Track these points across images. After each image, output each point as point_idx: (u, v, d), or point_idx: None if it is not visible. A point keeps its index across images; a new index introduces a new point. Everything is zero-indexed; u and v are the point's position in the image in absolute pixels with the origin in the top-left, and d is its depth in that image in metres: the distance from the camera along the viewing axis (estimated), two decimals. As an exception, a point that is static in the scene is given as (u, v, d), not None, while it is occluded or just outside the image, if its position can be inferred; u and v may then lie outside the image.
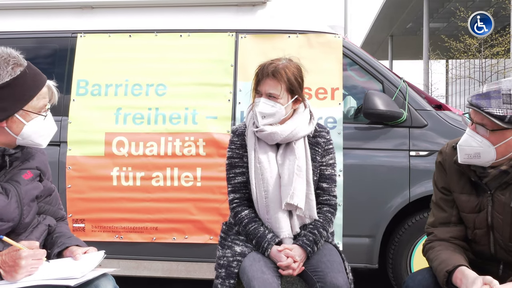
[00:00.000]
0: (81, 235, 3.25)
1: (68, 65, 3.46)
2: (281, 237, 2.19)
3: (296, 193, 2.16)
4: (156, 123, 3.31)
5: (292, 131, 2.21)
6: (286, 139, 2.22)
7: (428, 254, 1.95)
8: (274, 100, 2.20)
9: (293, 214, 2.21)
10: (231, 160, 2.31)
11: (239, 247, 2.21)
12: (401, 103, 3.27)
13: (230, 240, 2.28)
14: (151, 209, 3.26)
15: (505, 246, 1.85)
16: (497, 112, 1.71)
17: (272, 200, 2.20)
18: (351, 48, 3.42)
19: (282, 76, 2.19)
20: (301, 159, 2.21)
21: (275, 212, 2.19)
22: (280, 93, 2.20)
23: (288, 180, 2.18)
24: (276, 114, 2.20)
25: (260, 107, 2.19)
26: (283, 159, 2.23)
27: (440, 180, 2.00)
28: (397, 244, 3.26)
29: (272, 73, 2.19)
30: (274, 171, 2.21)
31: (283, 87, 2.20)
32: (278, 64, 2.21)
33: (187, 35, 3.45)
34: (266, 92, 2.21)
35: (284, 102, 2.21)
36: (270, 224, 2.20)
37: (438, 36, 24.68)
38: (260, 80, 2.23)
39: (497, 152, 1.77)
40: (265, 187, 2.20)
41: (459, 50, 19.85)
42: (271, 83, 2.20)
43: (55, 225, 1.98)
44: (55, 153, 3.33)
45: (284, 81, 2.19)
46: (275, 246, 2.14)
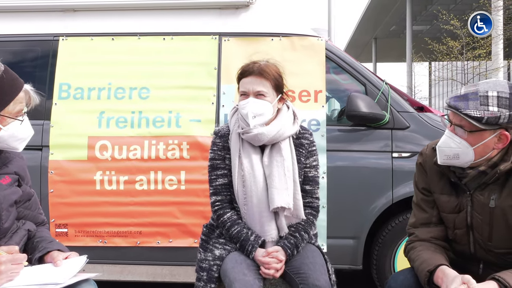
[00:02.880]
0: (64, 240, 3.22)
1: (50, 69, 3.43)
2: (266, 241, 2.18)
3: (288, 194, 2.16)
4: (139, 126, 3.29)
5: (278, 131, 2.21)
6: (272, 140, 2.22)
7: (410, 255, 1.97)
8: (262, 98, 2.20)
9: (280, 215, 2.20)
10: (213, 162, 2.30)
11: (218, 250, 2.20)
12: (384, 105, 3.31)
13: (212, 243, 2.27)
14: (135, 213, 3.25)
15: (485, 246, 1.88)
16: (474, 114, 1.73)
17: (256, 204, 2.19)
18: (334, 51, 3.45)
19: (269, 73, 2.20)
20: (288, 160, 2.21)
21: (261, 216, 2.19)
22: (267, 90, 2.20)
23: (279, 182, 2.17)
24: (266, 113, 2.19)
25: (250, 107, 2.17)
26: (270, 160, 2.22)
27: (421, 181, 2.02)
28: (381, 245, 3.29)
29: (258, 72, 2.20)
30: (259, 174, 2.20)
31: (270, 85, 2.21)
32: (261, 63, 2.23)
33: (170, 38, 3.44)
34: (254, 91, 2.20)
35: (271, 100, 2.22)
36: (254, 228, 2.20)
37: (421, 39, 24.94)
38: (245, 79, 2.23)
39: (475, 153, 1.79)
40: (250, 191, 2.19)
41: (442, 53, 20.09)
42: (258, 81, 2.20)
43: (35, 230, 1.96)
44: (37, 158, 3.30)
45: (271, 78, 2.20)
46: (260, 250, 2.14)
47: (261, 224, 2.19)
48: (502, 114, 1.72)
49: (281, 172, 2.18)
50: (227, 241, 2.24)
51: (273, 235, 2.19)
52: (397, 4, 28.25)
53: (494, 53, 15.47)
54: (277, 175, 2.18)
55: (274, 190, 2.17)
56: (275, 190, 2.17)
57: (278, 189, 2.17)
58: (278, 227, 2.21)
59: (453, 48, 19.37)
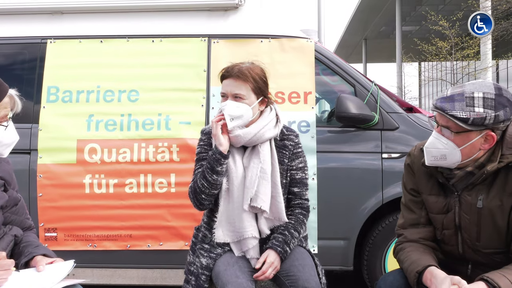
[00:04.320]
0: (54, 244, 3.20)
1: (38, 72, 3.40)
2: (245, 236, 2.18)
3: (260, 196, 2.16)
4: (129, 129, 3.28)
5: (256, 133, 2.20)
6: (251, 142, 2.21)
7: (399, 256, 1.97)
8: (240, 100, 2.20)
9: (259, 216, 2.20)
10: (200, 155, 2.31)
11: (204, 258, 2.20)
12: (373, 106, 3.32)
13: (197, 248, 2.28)
14: (125, 216, 3.23)
15: (473, 246, 1.89)
16: (460, 115, 1.74)
17: (236, 200, 2.19)
18: (323, 52, 3.45)
19: (247, 76, 2.19)
20: (266, 162, 2.20)
21: (240, 212, 2.18)
22: (245, 93, 2.20)
23: (250, 182, 2.17)
24: (244, 115, 2.18)
25: (227, 109, 2.17)
26: (249, 161, 2.22)
27: (409, 182, 2.03)
28: (372, 245, 3.30)
29: (236, 74, 2.19)
30: (239, 172, 2.20)
31: (249, 87, 2.20)
32: (242, 66, 2.23)
33: (159, 40, 3.43)
34: (232, 93, 2.20)
35: (250, 103, 2.21)
36: (234, 223, 2.19)
37: (411, 39, 25.11)
38: (225, 81, 2.23)
39: (462, 154, 1.81)
40: (231, 184, 2.19)
41: (431, 53, 20.23)
42: (236, 83, 2.19)
43: (22, 235, 1.94)
44: (25, 161, 3.27)
45: (250, 81, 2.19)
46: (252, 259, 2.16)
47: (240, 219, 2.18)
48: (488, 115, 1.73)
49: (256, 173, 2.18)
50: (212, 247, 2.23)
51: (253, 232, 2.18)
52: (386, 5, 28.42)
53: (483, 53, 15.60)
54: (251, 175, 2.18)
55: (247, 190, 2.17)
56: (248, 190, 2.17)
57: (250, 189, 2.16)
58: (259, 228, 2.21)
59: (442, 49, 19.51)
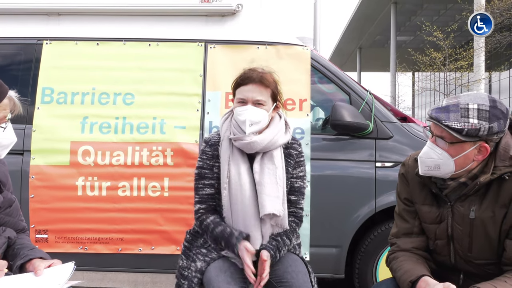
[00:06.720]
0: (44, 246, 3.17)
1: (33, 73, 3.39)
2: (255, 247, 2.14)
3: (279, 202, 2.15)
4: (123, 132, 3.27)
5: (271, 139, 2.20)
6: (265, 148, 2.20)
7: (392, 265, 1.98)
8: (261, 107, 2.19)
9: (267, 223, 2.18)
10: (201, 171, 2.28)
11: (199, 262, 2.18)
12: (368, 115, 3.33)
13: (194, 252, 2.26)
14: (117, 219, 3.22)
15: (465, 257, 1.90)
16: (455, 125, 1.76)
17: (245, 211, 2.16)
18: (319, 60, 3.47)
19: (270, 82, 2.20)
20: (279, 169, 2.20)
21: (246, 225, 2.16)
22: (266, 99, 2.20)
23: (271, 189, 2.15)
24: (262, 121, 2.19)
25: (249, 114, 2.16)
26: (262, 168, 2.19)
27: (403, 191, 2.04)
28: (363, 254, 3.30)
29: (259, 80, 2.18)
30: (245, 182, 2.17)
31: (269, 94, 2.21)
32: (262, 72, 2.22)
33: (156, 44, 3.44)
34: (254, 99, 2.18)
35: (268, 109, 2.22)
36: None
37: (405, 49, 25.30)
38: (244, 87, 2.20)
39: (456, 164, 1.82)
40: (235, 198, 2.17)
41: (425, 63, 20.40)
42: (259, 89, 2.18)
43: (15, 237, 1.92)
44: (18, 162, 3.25)
45: (271, 87, 2.20)
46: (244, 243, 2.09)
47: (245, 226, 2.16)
48: (482, 127, 1.75)
49: (273, 180, 2.16)
50: (209, 251, 2.22)
51: (257, 244, 2.16)
52: (381, 14, 28.65)
53: (476, 64, 15.74)
54: (269, 182, 2.16)
55: (266, 196, 2.14)
56: (267, 197, 2.14)
57: (270, 196, 2.14)
58: (262, 236, 2.19)
59: (436, 59, 19.67)
